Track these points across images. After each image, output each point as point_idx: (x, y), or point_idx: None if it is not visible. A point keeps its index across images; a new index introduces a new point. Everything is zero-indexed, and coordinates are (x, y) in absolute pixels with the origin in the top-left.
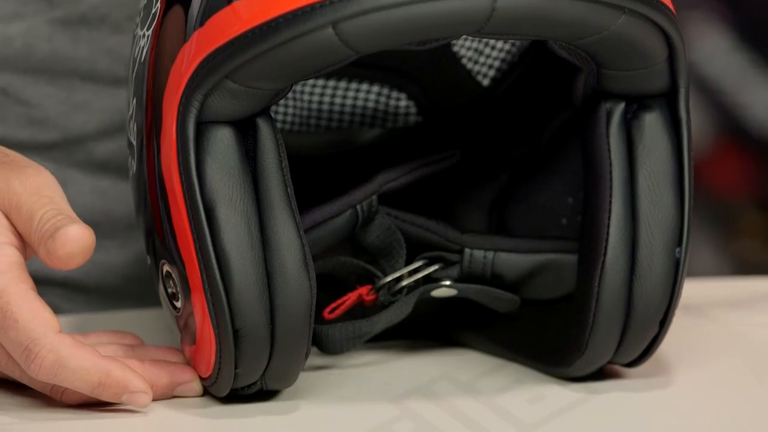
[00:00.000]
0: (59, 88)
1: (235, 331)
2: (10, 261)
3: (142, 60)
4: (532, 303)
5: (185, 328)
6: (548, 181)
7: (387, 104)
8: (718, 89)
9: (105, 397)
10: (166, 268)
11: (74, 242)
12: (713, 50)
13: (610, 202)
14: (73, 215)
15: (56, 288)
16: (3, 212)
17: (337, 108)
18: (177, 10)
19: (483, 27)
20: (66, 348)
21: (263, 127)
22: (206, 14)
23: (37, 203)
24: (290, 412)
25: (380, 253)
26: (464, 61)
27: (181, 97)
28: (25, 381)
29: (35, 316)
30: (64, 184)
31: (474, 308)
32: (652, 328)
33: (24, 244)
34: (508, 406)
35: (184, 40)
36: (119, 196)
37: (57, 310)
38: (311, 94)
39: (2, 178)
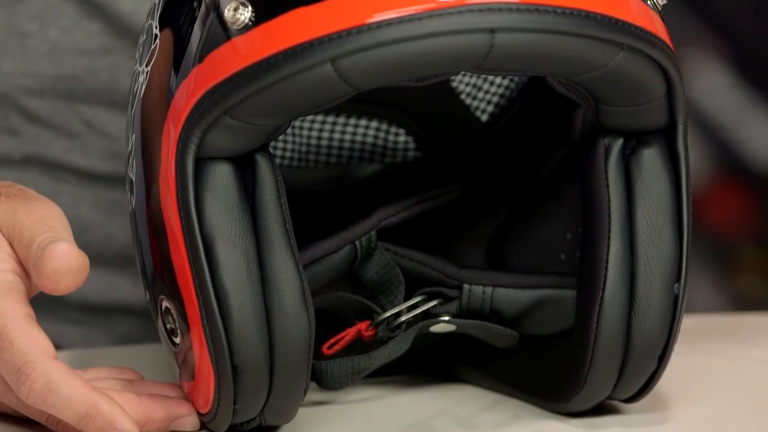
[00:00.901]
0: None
1: (234, 367)
2: (10, 287)
3: (142, 96)
4: (531, 338)
5: (184, 363)
6: (547, 216)
7: (386, 139)
8: (717, 125)
9: (90, 430)
10: (165, 303)
11: (60, 258)
12: (712, 87)
13: (609, 238)
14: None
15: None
16: (7, 240)
17: (335, 143)
18: (175, 46)
19: (481, 63)
20: (58, 373)
21: (262, 163)
22: (205, 50)
23: (38, 231)
24: None
25: (379, 288)
26: (463, 96)
27: (180, 133)
28: (21, 410)
29: (31, 340)
30: None
31: (473, 343)
32: (650, 364)
33: (27, 274)
34: None
35: (183, 76)
36: None
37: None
38: (310, 129)
39: (10, 208)
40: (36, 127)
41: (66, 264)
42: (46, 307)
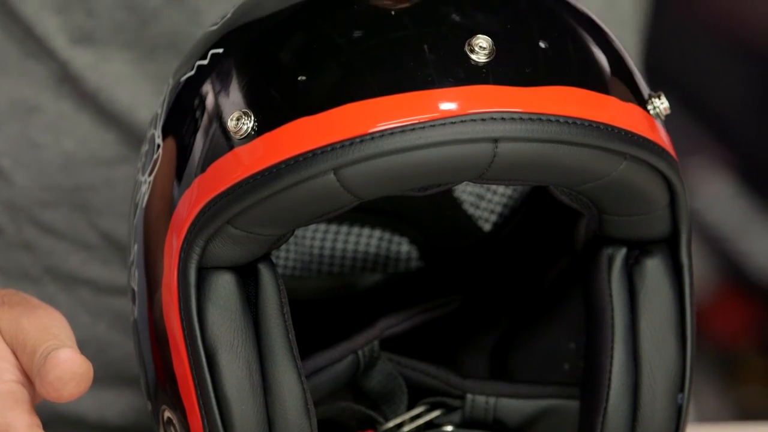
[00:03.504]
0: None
1: None
2: (15, 397)
3: (144, 206)
4: None
5: None
6: (550, 325)
7: (388, 249)
8: (720, 236)
9: None
10: (167, 414)
11: (64, 365)
12: (715, 196)
13: (612, 348)
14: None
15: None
16: (11, 350)
17: (338, 253)
18: (178, 155)
19: (484, 173)
20: None
21: (264, 273)
22: (208, 160)
23: (41, 339)
24: None
25: (382, 398)
26: (465, 206)
27: (183, 243)
28: None
29: None
30: None
31: None
32: None
33: (30, 383)
34: None
35: (186, 186)
36: None
37: None
38: (312, 239)
39: (13, 317)
40: (52, 240)
41: (69, 371)
42: (65, 428)
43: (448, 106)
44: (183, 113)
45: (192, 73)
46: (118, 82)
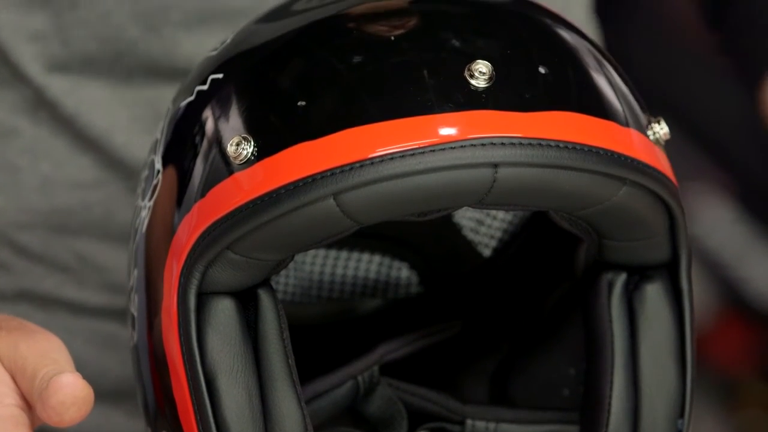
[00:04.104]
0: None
1: None
2: (16, 421)
3: (143, 231)
4: None
5: None
6: (550, 351)
7: (388, 275)
8: (720, 262)
9: None
10: None
11: (66, 390)
12: (715, 222)
13: (612, 374)
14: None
15: None
16: (10, 375)
17: (338, 279)
18: (178, 181)
19: (484, 198)
20: None
21: (264, 298)
22: (207, 185)
23: (41, 363)
24: None
25: (381, 423)
26: (465, 231)
27: (183, 268)
28: None
29: None
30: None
31: None
32: None
33: (30, 407)
34: None
35: (186, 211)
36: None
37: None
38: (312, 264)
39: (11, 342)
40: (28, 261)
41: (71, 395)
42: None
43: (447, 131)
44: (183, 138)
45: (192, 98)
46: (95, 107)
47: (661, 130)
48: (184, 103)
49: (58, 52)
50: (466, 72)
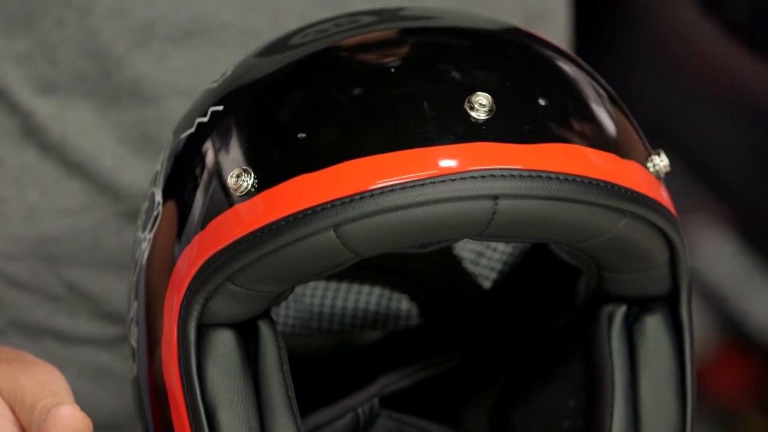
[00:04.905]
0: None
1: None
2: None
3: (144, 263)
4: None
5: None
6: (550, 383)
7: (388, 307)
8: (721, 295)
9: None
10: None
11: (65, 421)
12: (715, 254)
13: (613, 406)
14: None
15: None
16: (9, 406)
17: (338, 311)
18: (178, 213)
19: (484, 230)
20: None
21: (264, 330)
22: (208, 217)
23: (40, 395)
24: None
25: None
26: (465, 263)
27: (183, 300)
28: None
29: None
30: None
31: None
32: None
33: None
34: None
35: (186, 243)
36: None
37: None
38: (312, 296)
39: (10, 374)
40: (17, 291)
41: (70, 427)
42: None
43: (447, 163)
44: (183, 170)
45: (192, 130)
46: (82, 131)
47: (661, 162)
48: (184, 135)
49: (45, 72)
50: (466, 104)
